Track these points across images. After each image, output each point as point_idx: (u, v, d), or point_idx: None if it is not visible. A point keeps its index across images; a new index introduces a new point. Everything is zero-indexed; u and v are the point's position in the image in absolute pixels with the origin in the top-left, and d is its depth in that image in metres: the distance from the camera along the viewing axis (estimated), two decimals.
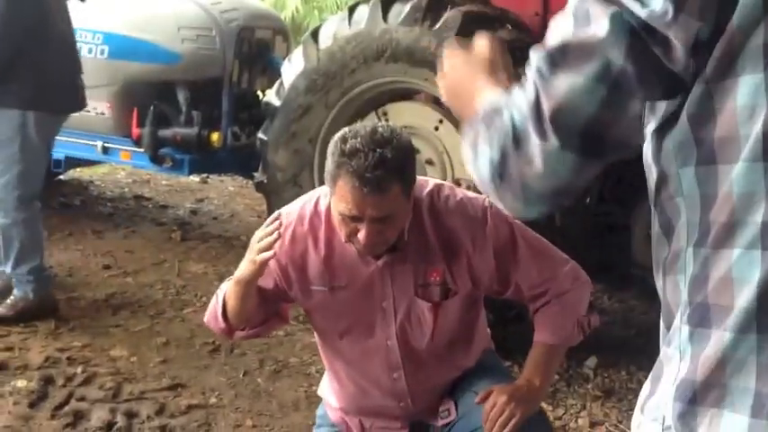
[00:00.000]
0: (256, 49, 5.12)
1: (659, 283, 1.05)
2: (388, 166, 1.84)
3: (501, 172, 1.07)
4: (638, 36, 0.94)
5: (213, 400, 3.33)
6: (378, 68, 3.72)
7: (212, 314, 2.18)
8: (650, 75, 0.96)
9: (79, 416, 3.11)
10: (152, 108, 4.83)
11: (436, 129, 3.73)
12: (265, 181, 4.10)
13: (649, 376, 1.05)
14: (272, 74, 4.94)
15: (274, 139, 4.01)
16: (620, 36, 0.95)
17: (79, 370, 3.46)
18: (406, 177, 1.91)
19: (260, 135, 4.13)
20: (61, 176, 6.43)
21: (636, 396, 3.32)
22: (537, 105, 1.02)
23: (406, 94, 3.96)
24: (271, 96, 4.16)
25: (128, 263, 4.87)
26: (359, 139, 1.86)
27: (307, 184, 3.82)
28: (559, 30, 1.02)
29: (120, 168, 6.83)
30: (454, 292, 2.10)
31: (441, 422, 2.21)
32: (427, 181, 2.16)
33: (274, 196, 4.02)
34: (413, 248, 2.06)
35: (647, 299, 4.61)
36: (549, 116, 1.00)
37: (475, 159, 1.12)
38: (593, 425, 3.19)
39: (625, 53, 0.95)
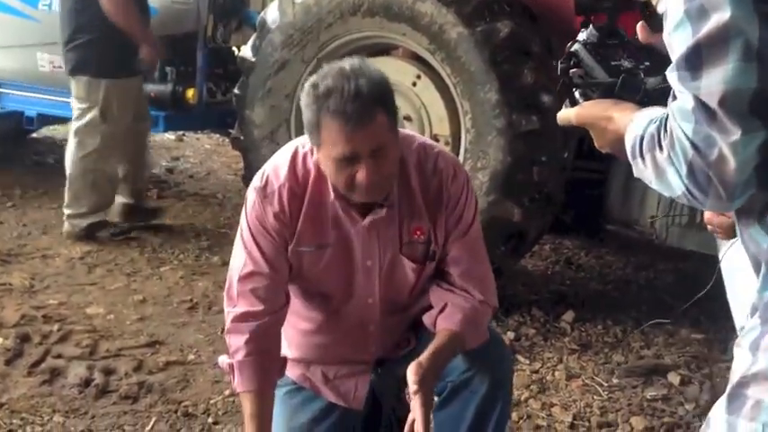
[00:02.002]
0: (231, 3, 5.04)
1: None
2: (366, 96, 1.81)
3: (695, 183, 1.10)
4: (763, 2, 0.99)
5: (191, 356, 3.32)
6: (354, 23, 3.68)
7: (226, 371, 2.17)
8: None
9: (56, 373, 3.10)
10: None
11: (414, 84, 3.70)
12: (242, 138, 4.06)
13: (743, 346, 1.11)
14: (248, 29, 4.88)
15: (250, 95, 3.96)
16: (747, 9, 1.00)
17: (55, 328, 3.44)
18: (387, 105, 1.89)
19: (236, 91, 4.08)
20: (34, 134, 6.36)
21: (611, 349, 3.37)
22: (703, 107, 1.05)
23: (384, 50, 3.93)
24: (246, 52, 4.10)
25: None
26: (329, 79, 1.83)
27: (284, 141, 3.76)
28: (678, 39, 1.07)
29: None
30: (434, 252, 2.10)
31: (401, 352, 2.23)
32: (413, 136, 2.14)
33: (251, 153, 3.99)
34: (399, 204, 2.05)
35: (623, 254, 4.65)
36: (719, 111, 1.04)
37: (660, 182, 1.16)
38: (569, 378, 3.22)
39: (758, 23, 1.00)
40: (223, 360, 2.15)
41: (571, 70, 1.35)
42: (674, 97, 1.10)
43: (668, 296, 4.02)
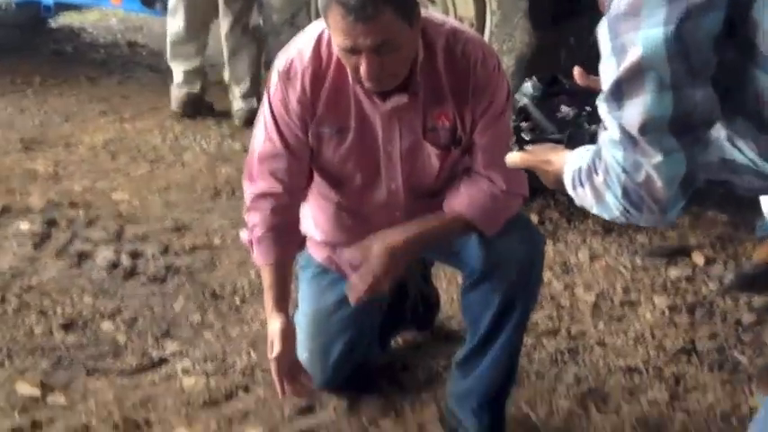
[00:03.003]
0: None
1: None
2: None
3: (630, 202, 1.24)
4: (669, 41, 1.12)
5: (217, 240, 3.35)
6: None
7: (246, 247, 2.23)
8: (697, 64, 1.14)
9: (84, 256, 3.14)
10: None
11: None
12: (262, 23, 3.99)
13: None
14: None
15: None
16: (655, 46, 1.12)
17: (81, 213, 3.47)
18: (399, 2, 1.82)
19: None
20: (51, 23, 6.29)
21: (635, 231, 3.36)
22: (627, 136, 1.18)
23: None
24: None
25: (124, 109, 4.81)
26: None
27: (304, 25, 3.63)
28: (607, 71, 1.18)
29: (112, 14, 6.66)
30: (460, 137, 2.06)
31: None
32: (444, 21, 2.07)
33: (272, 38, 3.92)
34: (424, 90, 2.00)
35: None
36: (641, 138, 1.17)
37: (600, 205, 1.30)
38: (592, 259, 3.23)
39: (667, 57, 1.12)
40: (243, 236, 2.18)
41: (522, 124, 1.49)
42: (605, 128, 1.22)
43: None
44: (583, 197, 1.33)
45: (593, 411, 2.40)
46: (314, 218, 2.30)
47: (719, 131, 1.30)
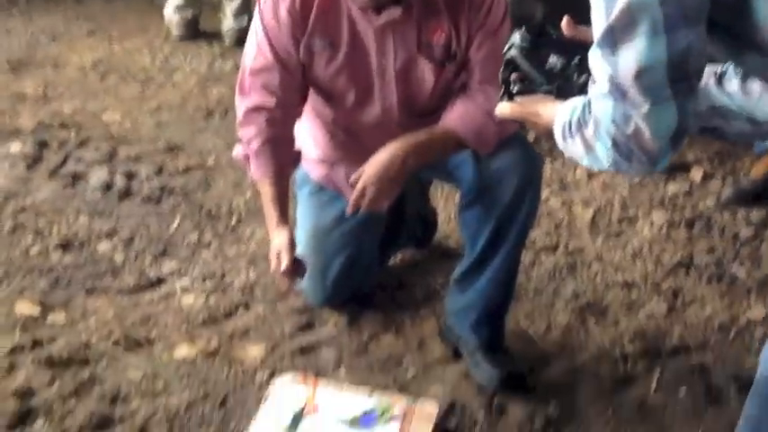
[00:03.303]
0: None
1: None
2: None
3: (620, 154, 1.23)
4: None
5: (211, 161, 3.31)
6: None
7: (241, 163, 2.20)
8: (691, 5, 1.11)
9: (77, 177, 3.11)
10: None
11: None
12: None
13: None
14: None
15: None
16: None
17: (73, 134, 3.42)
18: None
19: None
20: None
21: None
22: (616, 87, 1.16)
23: None
24: None
25: (112, 28, 4.72)
26: None
27: None
28: (598, 20, 1.15)
29: None
30: (455, 52, 2.02)
31: None
32: None
33: None
34: (418, 3, 1.96)
35: None
36: (633, 86, 1.14)
37: (590, 157, 1.29)
38: (590, 176, 3.21)
39: (659, 2, 1.08)
40: (238, 152, 2.15)
41: (511, 76, 1.46)
42: (594, 81, 1.21)
43: None
44: (573, 149, 1.33)
45: (591, 325, 2.41)
46: (311, 135, 2.27)
47: (709, 78, 1.31)
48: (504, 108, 1.50)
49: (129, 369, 2.14)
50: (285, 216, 2.10)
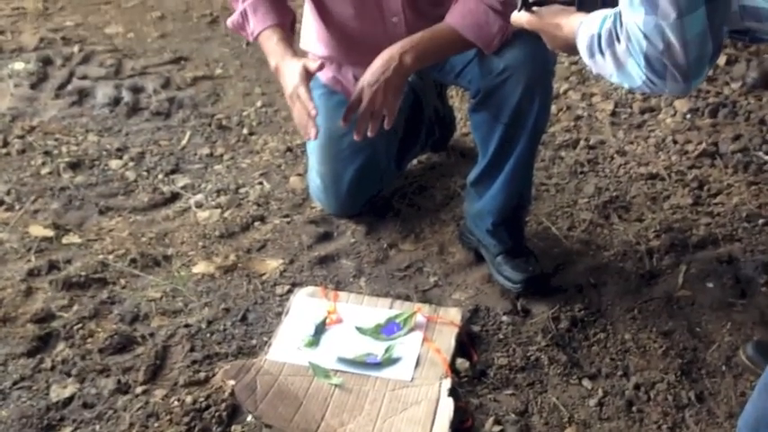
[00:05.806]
0: None
1: None
2: None
3: (653, 71, 1.19)
4: None
5: (219, 71, 3.23)
6: None
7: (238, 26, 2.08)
8: None
9: (84, 94, 3.04)
10: None
11: None
12: None
13: None
14: None
15: None
16: None
17: (76, 49, 3.34)
18: None
19: None
20: None
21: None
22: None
23: None
24: None
25: None
26: None
27: None
28: None
29: None
30: None
31: None
32: None
33: None
34: None
35: None
36: None
37: (621, 73, 1.24)
38: None
39: None
40: (232, 18, 2.08)
41: None
42: None
43: None
44: (602, 65, 1.28)
45: (615, 220, 2.36)
46: (316, 31, 2.20)
47: None
48: (519, 18, 1.44)
49: (148, 288, 2.12)
50: (293, 51, 2.00)
